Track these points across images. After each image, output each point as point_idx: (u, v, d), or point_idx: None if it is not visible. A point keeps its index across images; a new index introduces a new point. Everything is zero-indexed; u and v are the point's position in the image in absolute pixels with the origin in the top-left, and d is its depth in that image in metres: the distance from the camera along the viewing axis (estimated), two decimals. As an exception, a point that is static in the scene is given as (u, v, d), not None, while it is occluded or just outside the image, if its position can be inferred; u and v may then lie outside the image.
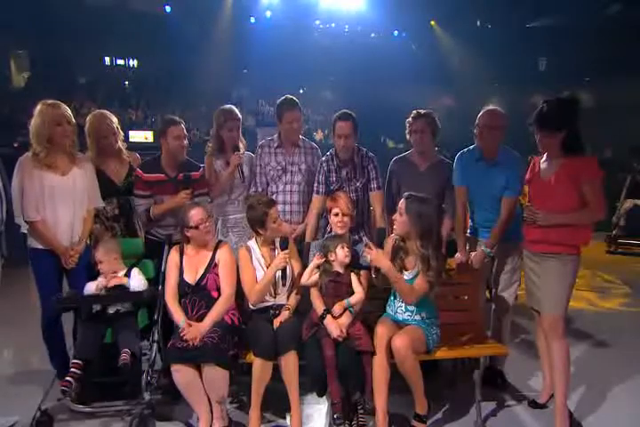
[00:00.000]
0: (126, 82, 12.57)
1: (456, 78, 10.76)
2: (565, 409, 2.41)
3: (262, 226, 2.60)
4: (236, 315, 2.61)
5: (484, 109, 2.72)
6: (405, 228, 2.39)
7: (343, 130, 2.80)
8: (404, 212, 2.38)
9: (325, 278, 2.54)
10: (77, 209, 2.66)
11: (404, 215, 2.38)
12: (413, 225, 2.35)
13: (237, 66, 12.03)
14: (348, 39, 10.90)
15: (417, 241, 2.35)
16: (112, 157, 2.95)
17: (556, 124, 2.35)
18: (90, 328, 2.46)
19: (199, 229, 2.55)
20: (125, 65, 12.71)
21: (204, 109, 11.58)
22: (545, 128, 2.38)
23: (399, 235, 2.44)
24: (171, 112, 12.00)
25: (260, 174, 3.09)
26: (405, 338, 2.31)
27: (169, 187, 2.84)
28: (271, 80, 11.75)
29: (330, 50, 10.84)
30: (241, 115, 3.11)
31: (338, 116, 2.83)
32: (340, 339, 2.37)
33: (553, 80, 10.33)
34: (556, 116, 2.35)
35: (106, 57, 12.57)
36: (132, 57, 12.61)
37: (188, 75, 11.19)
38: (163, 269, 2.68)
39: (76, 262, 2.63)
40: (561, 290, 2.42)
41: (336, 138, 2.82)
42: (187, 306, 2.55)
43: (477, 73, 10.63)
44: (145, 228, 2.97)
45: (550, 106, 2.37)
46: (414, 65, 10.29)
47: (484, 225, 2.82)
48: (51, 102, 2.60)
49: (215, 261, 2.62)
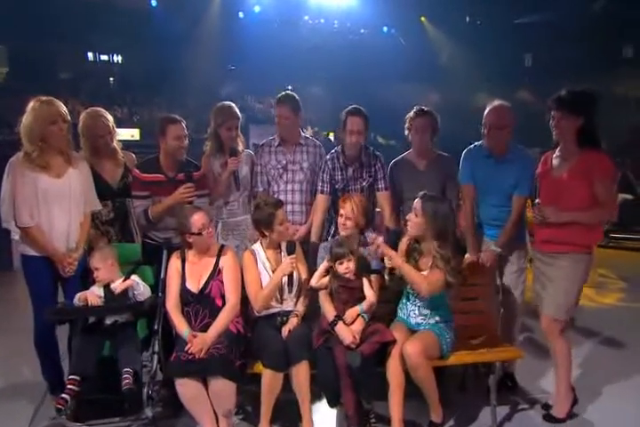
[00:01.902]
0: (111, 78, 12.23)
1: (445, 74, 10.74)
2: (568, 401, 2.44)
3: (268, 228, 2.49)
4: (240, 322, 2.49)
5: (491, 106, 2.63)
6: (421, 228, 2.31)
7: (355, 125, 2.69)
8: (420, 212, 2.29)
9: (335, 283, 2.45)
10: (74, 213, 2.51)
11: (420, 216, 2.30)
12: (430, 225, 2.27)
13: (225, 62, 11.79)
14: (337, 35, 10.77)
15: (434, 242, 2.28)
16: (107, 157, 2.79)
17: (575, 107, 2.31)
18: (86, 341, 2.32)
19: (202, 234, 2.43)
20: (109, 61, 12.36)
21: (192, 106, 11.34)
22: (564, 108, 2.32)
23: (414, 236, 2.36)
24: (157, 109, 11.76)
25: (260, 174, 2.97)
26: (418, 344, 2.24)
27: (168, 188, 2.70)
28: (259, 76, 11.56)
29: (319, 46, 10.70)
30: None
31: (349, 111, 2.72)
32: (353, 346, 2.28)
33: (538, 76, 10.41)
34: (576, 100, 2.32)
35: (89, 52, 12.19)
36: (117, 53, 12.26)
37: (174, 71, 10.93)
38: (162, 275, 2.55)
39: (74, 270, 2.48)
40: (569, 293, 2.39)
41: (347, 134, 2.71)
42: (190, 315, 2.43)
43: (466, 69, 10.63)
44: (142, 231, 2.83)
45: (570, 91, 2.35)
46: (404, 61, 10.23)
47: (488, 222, 2.75)
48: (45, 99, 2.44)
49: (219, 268, 2.50)
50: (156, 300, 2.44)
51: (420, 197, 2.33)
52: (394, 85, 10.47)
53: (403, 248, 2.39)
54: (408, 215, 2.37)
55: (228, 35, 10.77)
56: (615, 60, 10.15)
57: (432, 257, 2.31)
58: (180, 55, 10.64)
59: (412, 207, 2.34)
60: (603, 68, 9.92)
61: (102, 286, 2.45)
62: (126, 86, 12.13)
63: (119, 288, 2.41)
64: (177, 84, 11.31)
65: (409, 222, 2.35)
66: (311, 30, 10.78)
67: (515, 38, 10.14)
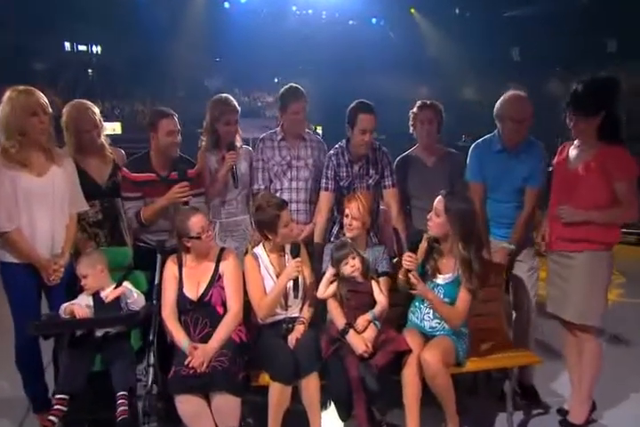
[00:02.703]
0: (90, 70, 11.77)
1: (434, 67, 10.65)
2: (588, 408, 2.35)
3: (272, 230, 2.32)
4: (243, 331, 2.32)
5: (506, 97, 2.46)
6: (444, 229, 2.18)
7: (367, 124, 2.52)
8: (443, 212, 2.15)
9: (344, 288, 2.30)
10: (58, 215, 2.29)
11: (443, 215, 2.16)
12: (454, 226, 2.14)
13: (210, 53, 11.47)
14: (325, 26, 10.54)
15: (458, 243, 2.15)
16: (94, 153, 2.57)
17: (593, 107, 2.18)
18: (75, 356, 2.11)
19: (201, 238, 2.24)
20: (88, 51, 11.87)
21: (176, 99, 11.02)
22: (580, 111, 2.20)
23: (435, 237, 2.22)
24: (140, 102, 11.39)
25: (262, 170, 2.79)
26: (436, 352, 2.12)
27: (160, 187, 2.50)
28: (245, 68, 11.29)
29: (307, 37, 10.47)
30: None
31: (359, 109, 2.53)
32: (366, 355, 2.14)
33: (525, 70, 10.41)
34: (593, 98, 2.18)
35: (66, 42, 11.69)
36: (96, 43, 11.78)
37: (157, 62, 10.57)
38: (157, 281, 2.36)
39: (60, 278, 2.27)
40: (592, 295, 2.27)
41: (357, 133, 2.53)
42: (188, 325, 2.25)
43: (455, 62, 10.55)
44: (134, 234, 2.63)
45: (586, 86, 2.20)
46: (393, 53, 10.09)
47: (495, 220, 2.63)
48: (22, 88, 2.20)
49: (219, 273, 2.32)
50: (151, 309, 2.25)
51: (444, 196, 2.19)
52: (382, 77, 10.33)
53: (423, 249, 2.25)
54: (429, 215, 2.22)
55: (213, 25, 10.45)
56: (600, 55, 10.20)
57: (455, 260, 2.20)
58: (163, 46, 10.29)
59: (434, 207, 2.20)
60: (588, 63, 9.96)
61: (91, 294, 2.25)
62: (106, 78, 11.69)
63: (110, 297, 2.22)
64: (160, 76, 10.97)
65: (430, 222, 2.21)
66: (299, 21, 10.54)
67: (504, 31, 10.09)
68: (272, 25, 10.46)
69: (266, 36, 10.46)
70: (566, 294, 2.32)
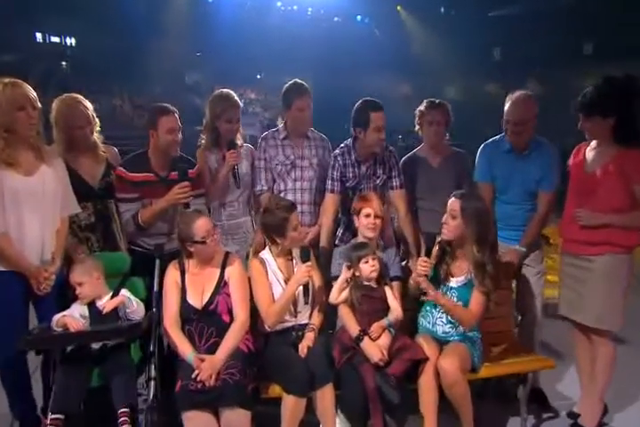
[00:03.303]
0: (63, 62, 11.27)
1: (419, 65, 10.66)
2: (599, 413, 2.33)
3: (281, 234, 2.20)
4: (250, 339, 2.21)
5: (512, 99, 2.40)
6: (459, 231, 2.11)
7: (381, 121, 2.42)
8: (459, 213, 2.08)
9: (357, 293, 2.21)
10: (48, 218, 2.11)
11: (459, 218, 2.09)
12: (469, 228, 2.07)
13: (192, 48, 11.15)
14: (310, 22, 10.39)
15: (473, 246, 2.08)
16: (85, 152, 2.39)
17: (602, 111, 2.14)
18: (70, 373, 1.94)
19: (207, 243, 2.11)
20: (62, 43, 11.37)
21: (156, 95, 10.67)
22: (589, 115, 2.17)
23: (449, 239, 2.15)
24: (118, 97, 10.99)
25: (265, 170, 2.66)
26: (454, 360, 2.06)
27: (159, 188, 2.35)
28: (227, 64, 11.02)
29: (291, 33, 10.29)
30: (198, 101, 2.61)
31: (371, 107, 2.43)
32: (382, 363, 2.05)
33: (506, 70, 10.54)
34: (602, 101, 2.14)
35: (37, 33, 11.16)
36: (70, 34, 11.28)
37: (136, 56, 10.20)
38: (156, 288, 2.21)
39: (50, 287, 2.09)
40: (611, 298, 2.23)
41: (371, 131, 2.42)
42: (193, 335, 2.11)
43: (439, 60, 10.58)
44: (129, 238, 2.47)
45: (596, 89, 2.17)
46: (378, 50, 10.03)
47: (504, 222, 2.57)
48: (9, 81, 2.01)
49: (225, 279, 2.19)
50: (152, 318, 2.11)
51: (459, 197, 2.12)
52: (367, 75, 10.26)
53: (435, 253, 2.18)
54: (443, 218, 2.15)
55: (194, 18, 10.16)
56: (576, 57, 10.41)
57: (468, 262, 2.14)
58: (142, 39, 9.94)
59: (448, 209, 2.13)
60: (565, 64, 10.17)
61: (86, 303, 2.09)
62: (81, 72, 11.22)
63: (108, 307, 2.06)
64: (138, 69, 10.59)
65: (444, 226, 2.13)
66: (283, 17, 10.34)
67: (487, 31, 10.17)
68: (256, 20, 10.24)
69: (249, 32, 10.24)
70: (583, 297, 2.29)
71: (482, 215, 2.10)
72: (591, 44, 10.68)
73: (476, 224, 2.08)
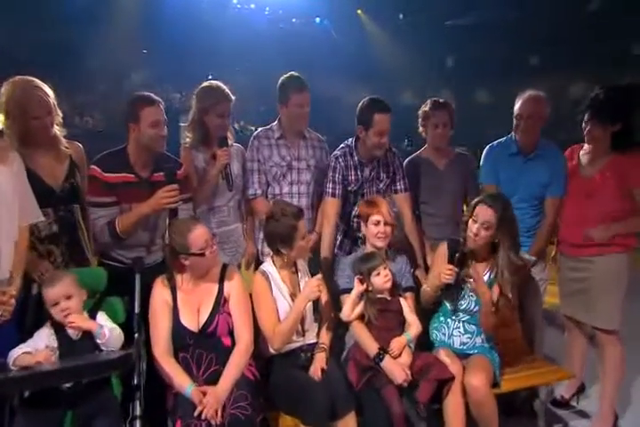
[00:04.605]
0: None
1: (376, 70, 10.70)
2: (611, 416, 2.30)
3: (287, 244, 1.95)
4: (253, 365, 1.93)
5: (526, 96, 2.35)
6: (491, 239, 1.98)
7: (385, 125, 2.23)
8: (495, 225, 1.94)
9: (372, 307, 2.00)
10: (4, 228, 1.70)
11: (493, 229, 1.95)
12: (504, 236, 1.95)
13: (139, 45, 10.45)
14: (267, 22, 10.08)
15: (510, 253, 1.97)
16: (45, 148, 1.99)
17: (612, 116, 2.15)
18: (34, 420, 1.57)
19: (205, 255, 1.81)
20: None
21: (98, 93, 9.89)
22: (599, 118, 2.17)
23: (476, 247, 2.01)
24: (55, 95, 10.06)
25: (258, 172, 2.39)
26: (483, 375, 1.93)
27: (141, 191, 2.01)
28: (175, 63, 10.44)
29: (246, 33, 9.93)
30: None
31: (375, 108, 2.23)
32: (406, 384, 1.86)
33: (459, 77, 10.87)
34: (614, 107, 2.15)
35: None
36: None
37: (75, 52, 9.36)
38: (137, 310, 1.88)
39: (11, 312, 1.69)
40: (616, 297, 2.23)
41: (373, 134, 2.23)
42: (190, 364, 1.81)
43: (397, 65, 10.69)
44: (102, 250, 2.10)
45: (608, 94, 2.17)
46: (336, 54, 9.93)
47: None
48: None
49: (224, 296, 1.90)
50: (138, 348, 1.76)
51: (489, 206, 1.96)
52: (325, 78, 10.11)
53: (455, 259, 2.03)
54: (474, 227, 1.98)
55: (142, 13, 9.51)
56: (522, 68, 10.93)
57: (490, 266, 2.03)
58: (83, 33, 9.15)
59: (480, 220, 1.96)
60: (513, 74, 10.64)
61: (55, 329, 1.71)
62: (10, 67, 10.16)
63: (75, 328, 1.69)
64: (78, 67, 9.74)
65: (474, 237, 1.97)
66: (239, 15, 9.96)
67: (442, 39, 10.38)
68: (210, 17, 9.79)
69: (201, 29, 9.75)
70: (589, 299, 2.27)
71: (514, 223, 2.00)
72: (537, 56, 11.23)
73: (510, 231, 1.97)
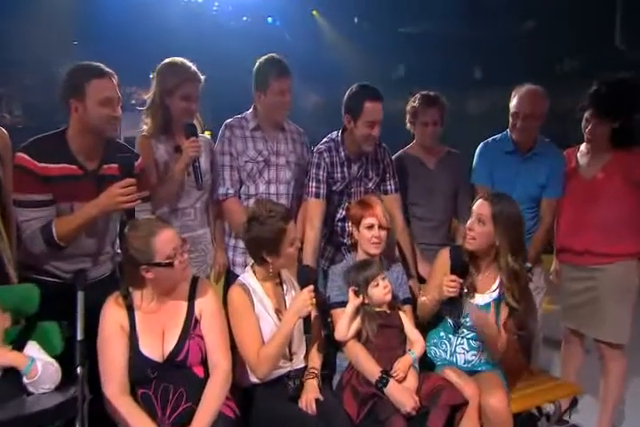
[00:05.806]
0: None
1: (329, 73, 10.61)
2: None
3: (274, 251, 1.64)
4: (230, 399, 1.58)
5: (523, 91, 2.19)
6: (488, 240, 1.77)
7: (376, 114, 1.98)
8: (490, 218, 1.75)
9: (371, 324, 1.74)
10: None
11: (489, 223, 1.76)
12: (502, 234, 1.75)
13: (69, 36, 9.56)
14: (215, 19, 9.59)
15: (508, 256, 1.77)
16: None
17: (615, 112, 2.07)
18: None
19: (173, 265, 1.45)
20: None
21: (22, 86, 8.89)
22: (600, 114, 2.08)
23: (473, 249, 1.80)
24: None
25: (230, 168, 2.05)
26: (502, 395, 1.72)
27: (86, 187, 1.61)
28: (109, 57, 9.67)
29: (192, 29, 9.39)
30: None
31: (365, 95, 1.98)
32: (415, 412, 1.60)
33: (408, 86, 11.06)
34: (617, 102, 2.06)
35: None
36: None
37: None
38: (80, 337, 1.49)
39: None
40: (626, 309, 2.12)
41: (362, 125, 1.98)
42: (153, 403, 1.44)
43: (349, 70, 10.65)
44: (34, 262, 1.66)
45: (610, 89, 2.08)
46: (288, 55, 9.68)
47: None
48: None
49: (196, 316, 1.54)
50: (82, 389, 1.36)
51: (485, 199, 1.79)
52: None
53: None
54: (469, 223, 1.79)
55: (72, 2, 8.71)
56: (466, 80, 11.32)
57: (497, 275, 1.83)
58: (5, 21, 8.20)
59: (475, 213, 1.78)
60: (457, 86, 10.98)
61: None
62: None
63: (5, 363, 1.28)
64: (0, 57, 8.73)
65: (470, 233, 1.78)
66: (185, 10, 9.39)
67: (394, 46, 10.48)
68: (152, 9, 9.15)
69: (141, 22, 9.07)
70: (595, 310, 2.14)
71: (516, 219, 1.80)
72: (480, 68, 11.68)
73: (510, 229, 1.77)
